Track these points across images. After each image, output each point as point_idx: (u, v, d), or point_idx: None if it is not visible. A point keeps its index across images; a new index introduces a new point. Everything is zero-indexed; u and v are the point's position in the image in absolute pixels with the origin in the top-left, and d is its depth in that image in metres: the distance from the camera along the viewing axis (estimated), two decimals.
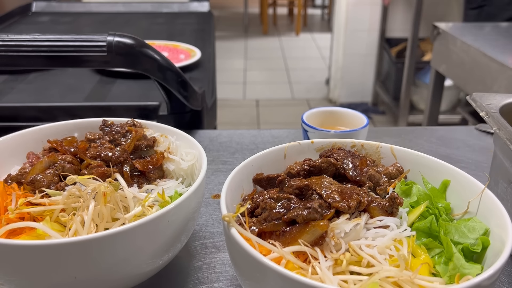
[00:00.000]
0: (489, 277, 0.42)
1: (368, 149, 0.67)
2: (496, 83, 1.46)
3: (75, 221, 0.52)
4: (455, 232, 0.53)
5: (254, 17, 7.27)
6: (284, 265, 0.47)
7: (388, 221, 0.52)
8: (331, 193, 0.53)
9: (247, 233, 0.48)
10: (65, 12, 2.06)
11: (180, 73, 0.93)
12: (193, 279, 0.63)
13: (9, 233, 0.54)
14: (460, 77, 1.78)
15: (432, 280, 0.46)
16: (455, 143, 1.04)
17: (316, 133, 0.88)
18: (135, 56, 0.85)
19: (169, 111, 1.01)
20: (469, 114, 2.54)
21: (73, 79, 1.25)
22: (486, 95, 0.74)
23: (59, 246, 0.46)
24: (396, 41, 3.70)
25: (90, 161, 0.65)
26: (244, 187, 0.60)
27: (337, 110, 0.97)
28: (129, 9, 2.14)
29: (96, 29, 1.84)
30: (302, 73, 4.87)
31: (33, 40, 0.81)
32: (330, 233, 0.49)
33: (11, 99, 1.10)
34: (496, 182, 0.69)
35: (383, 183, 0.60)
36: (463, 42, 1.68)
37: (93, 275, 0.50)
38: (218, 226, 0.74)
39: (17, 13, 1.95)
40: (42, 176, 0.61)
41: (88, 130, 0.73)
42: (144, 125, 0.74)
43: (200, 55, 1.42)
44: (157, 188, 0.64)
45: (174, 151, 0.70)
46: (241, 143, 1.03)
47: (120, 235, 0.48)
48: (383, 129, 1.15)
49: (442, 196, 0.60)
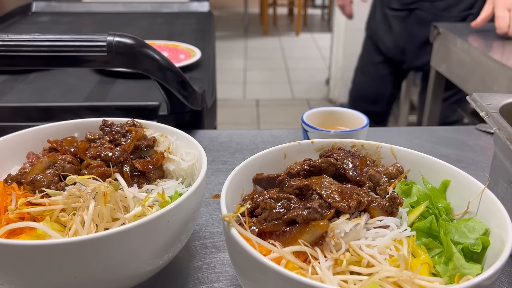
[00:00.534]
0: (489, 277, 0.42)
1: (368, 149, 0.67)
2: (496, 83, 1.46)
3: (75, 221, 0.52)
4: (455, 232, 0.53)
5: (254, 17, 7.27)
6: (284, 265, 0.47)
7: (388, 221, 0.52)
8: (331, 193, 0.53)
9: (247, 233, 0.48)
10: (65, 12, 2.06)
11: (180, 73, 0.93)
12: (193, 279, 0.63)
13: (9, 233, 0.54)
14: (460, 77, 1.78)
15: (432, 280, 0.46)
16: (455, 143, 1.04)
17: (316, 133, 0.88)
18: (135, 56, 0.85)
19: (169, 111, 1.01)
20: (469, 114, 2.54)
21: (73, 79, 1.25)
22: (486, 95, 0.74)
23: (59, 246, 0.46)
24: None
25: (90, 161, 0.65)
26: (244, 187, 0.60)
27: (337, 110, 0.97)
28: (129, 9, 2.14)
29: (96, 29, 1.84)
30: (302, 73, 4.87)
31: (33, 40, 0.81)
32: (330, 233, 0.49)
33: (11, 99, 1.10)
34: (496, 182, 0.69)
35: (383, 183, 0.60)
36: (463, 42, 1.68)
37: (93, 275, 0.50)
38: (218, 226, 0.74)
39: (17, 13, 1.95)
40: (42, 176, 0.61)
41: (88, 130, 0.73)
42: (144, 125, 0.74)
43: (200, 55, 1.42)
44: (157, 188, 0.64)
45: (174, 151, 0.70)
46: (241, 143, 1.03)
47: (120, 235, 0.48)
48: (383, 129, 1.15)
49: (442, 196, 0.60)
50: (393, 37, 2.09)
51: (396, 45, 2.09)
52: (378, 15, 2.16)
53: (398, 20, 2.03)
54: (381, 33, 2.15)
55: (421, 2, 1.88)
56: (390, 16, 2.06)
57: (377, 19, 2.17)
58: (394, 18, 2.05)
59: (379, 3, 2.16)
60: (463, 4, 1.91)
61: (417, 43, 1.98)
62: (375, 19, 2.21)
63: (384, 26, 2.12)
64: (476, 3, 1.90)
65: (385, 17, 2.10)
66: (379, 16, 2.15)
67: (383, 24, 2.12)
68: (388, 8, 2.07)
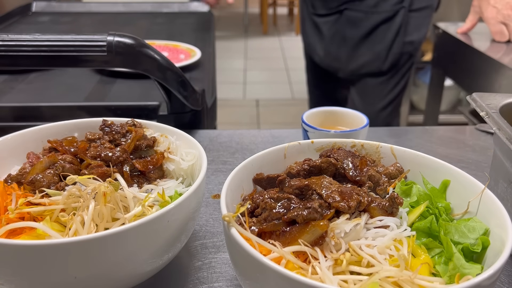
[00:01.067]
0: (489, 277, 0.42)
1: (368, 148, 0.67)
2: (496, 83, 1.46)
3: (75, 221, 0.52)
4: (455, 232, 0.53)
5: (254, 17, 7.27)
6: (284, 265, 0.47)
7: (388, 221, 0.52)
8: (331, 193, 0.53)
9: (247, 233, 0.48)
10: (65, 12, 2.06)
11: (180, 73, 0.93)
12: (193, 279, 0.63)
13: (9, 233, 0.54)
14: (460, 77, 1.78)
15: (432, 280, 0.46)
16: (455, 143, 1.04)
17: (316, 133, 0.88)
18: (135, 56, 0.85)
19: (169, 111, 1.01)
20: (469, 114, 2.54)
21: (73, 79, 1.25)
22: (486, 95, 0.74)
23: (59, 246, 0.46)
24: None
25: (90, 160, 0.65)
26: (244, 187, 0.60)
27: (337, 110, 0.97)
28: (129, 9, 2.14)
29: (96, 29, 1.84)
30: (302, 73, 4.84)
31: (33, 40, 0.81)
32: (330, 233, 0.49)
33: (11, 99, 1.10)
34: (496, 182, 0.69)
35: (383, 183, 0.60)
36: (463, 42, 1.68)
37: (93, 275, 0.50)
38: (218, 226, 0.74)
39: (17, 13, 1.95)
40: (42, 176, 0.61)
41: (88, 130, 0.73)
42: (144, 125, 0.74)
43: (200, 55, 1.42)
44: (157, 188, 0.64)
45: (174, 150, 0.70)
46: (241, 143, 1.03)
47: (120, 235, 0.48)
48: (383, 129, 1.15)
49: (442, 196, 0.60)
50: (324, 45, 1.91)
51: (327, 52, 1.91)
52: (308, 27, 1.97)
53: (329, 25, 1.86)
54: (313, 43, 1.97)
55: (350, 2, 1.74)
56: (320, 23, 1.89)
57: (308, 31, 1.98)
58: (324, 24, 1.88)
59: (306, 13, 1.97)
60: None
61: (351, 44, 1.82)
62: (306, 31, 2.01)
63: (315, 36, 1.94)
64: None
65: (315, 25, 1.92)
66: (309, 27, 1.96)
67: (314, 34, 1.94)
68: (316, 15, 1.89)
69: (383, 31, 1.74)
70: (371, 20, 1.75)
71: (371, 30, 1.76)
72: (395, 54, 1.76)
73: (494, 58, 1.46)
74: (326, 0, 1.83)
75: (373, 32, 1.76)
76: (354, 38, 1.79)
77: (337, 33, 1.84)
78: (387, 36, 1.74)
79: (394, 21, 1.73)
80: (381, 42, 1.76)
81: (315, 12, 1.89)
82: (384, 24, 1.74)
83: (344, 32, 1.81)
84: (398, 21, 1.72)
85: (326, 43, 1.90)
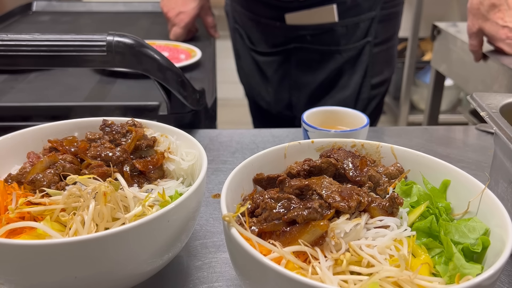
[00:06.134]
0: (489, 277, 0.42)
1: (368, 148, 0.67)
2: (496, 83, 1.46)
3: (76, 221, 0.52)
4: (455, 232, 0.53)
5: None
6: (284, 265, 0.47)
7: (388, 221, 0.52)
8: (331, 193, 0.53)
9: (247, 233, 0.48)
10: (65, 12, 2.06)
11: (180, 73, 0.93)
12: (193, 278, 0.63)
13: (9, 233, 0.54)
14: (460, 77, 1.78)
15: (432, 280, 0.46)
16: (455, 143, 1.04)
17: (316, 133, 0.88)
18: (135, 56, 0.85)
19: (169, 111, 1.01)
20: (469, 114, 2.54)
21: (73, 79, 1.25)
22: (486, 95, 0.74)
23: (59, 246, 0.46)
24: None
25: (91, 160, 0.65)
26: (244, 186, 0.60)
27: (337, 110, 0.97)
28: (129, 9, 2.14)
29: (96, 29, 1.84)
30: None
31: (33, 40, 0.81)
32: (330, 233, 0.49)
33: (11, 99, 1.10)
34: (496, 182, 0.69)
35: (383, 183, 0.60)
36: (463, 42, 1.68)
37: (93, 275, 0.50)
38: (218, 225, 0.74)
39: (17, 13, 1.94)
40: (42, 176, 0.61)
41: (89, 130, 0.73)
42: (144, 125, 0.74)
43: (200, 55, 1.42)
44: (157, 188, 0.64)
45: (174, 150, 0.70)
46: (241, 143, 1.03)
47: (120, 234, 0.48)
48: (383, 129, 1.15)
49: (443, 196, 0.60)
50: (273, 90, 1.48)
51: (278, 99, 1.48)
52: (246, 64, 1.54)
53: (274, 67, 1.42)
54: (256, 86, 1.53)
55: (299, 38, 1.33)
56: (262, 62, 1.45)
57: (247, 70, 1.55)
58: (268, 65, 1.43)
59: (242, 46, 1.54)
60: (359, 33, 1.36)
61: (307, 92, 1.42)
62: (244, 70, 1.58)
63: (258, 77, 1.50)
64: (371, 28, 1.37)
65: (256, 64, 1.48)
66: (248, 66, 1.53)
67: (257, 75, 1.50)
68: (255, 52, 1.47)
69: (347, 74, 1.40)
70: (332, 62, 1.38)
71: (332, 75, 1.40)
72: (364, 100, 1.45)
73: (494, 58, 1.46)
74: (267, 35, 1.39)
75: (334, 77, 1.40)
76: (310, 84, 1.42)
77: (286, 76, 1.44)
78: (352, 80, 1.40)
79: (360, 60, 1.39)
80: (345, 88, 1.42)
81: (254, 48, 1.48)
82: (347, 65, 1.39)
83: (296, 76, 1.42)
84: (365, 60, 1.39)
85: (273, 88, 1.48)
